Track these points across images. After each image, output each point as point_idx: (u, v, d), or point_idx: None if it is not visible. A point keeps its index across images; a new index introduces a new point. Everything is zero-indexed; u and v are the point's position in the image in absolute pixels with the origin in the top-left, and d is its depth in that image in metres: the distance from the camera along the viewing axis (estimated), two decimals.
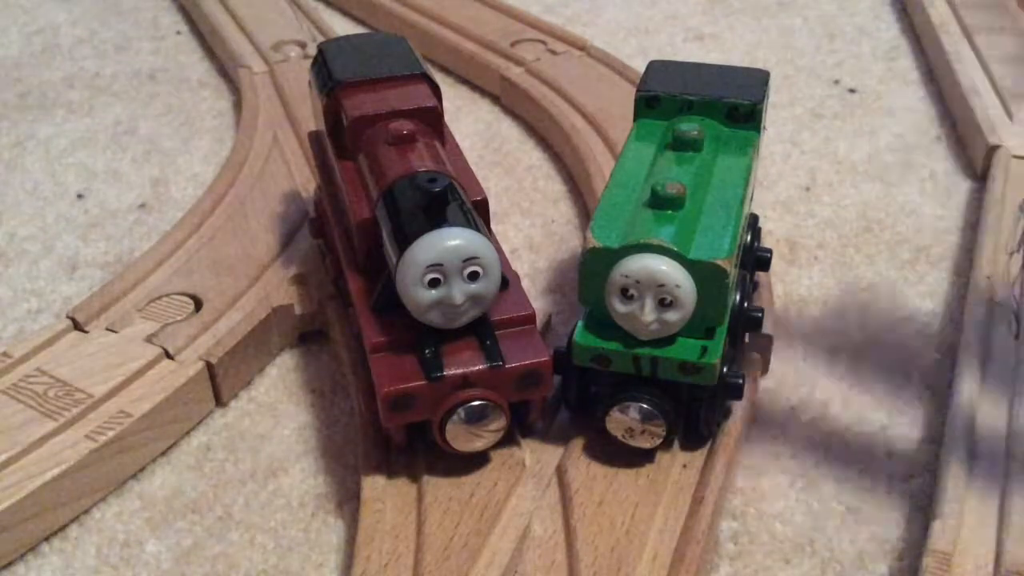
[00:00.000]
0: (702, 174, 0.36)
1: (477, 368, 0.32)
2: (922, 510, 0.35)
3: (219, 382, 0.40)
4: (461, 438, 0.33)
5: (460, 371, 0.32)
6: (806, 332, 0.44)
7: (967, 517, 0.33)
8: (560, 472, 0.34)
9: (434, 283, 0.31)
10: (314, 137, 0.43)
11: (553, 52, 0.64)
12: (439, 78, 0.66)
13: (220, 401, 0.41)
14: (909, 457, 0.38)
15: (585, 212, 0.52)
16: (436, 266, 0.31)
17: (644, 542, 0.32)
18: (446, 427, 0.33)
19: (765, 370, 0.41)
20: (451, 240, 0.31)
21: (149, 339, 0.40)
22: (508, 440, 0.35)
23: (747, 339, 0.40)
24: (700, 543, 0.32)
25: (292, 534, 0.36)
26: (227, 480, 0.38)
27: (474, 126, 0.61)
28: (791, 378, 0.41)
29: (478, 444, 0.33)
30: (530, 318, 0.34)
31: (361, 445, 0.36)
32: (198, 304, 0.42)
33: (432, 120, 0.37)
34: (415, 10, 0.70)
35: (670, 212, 0.34)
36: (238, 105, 0.62)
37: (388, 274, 0.33)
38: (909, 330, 0.44)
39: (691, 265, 0.32)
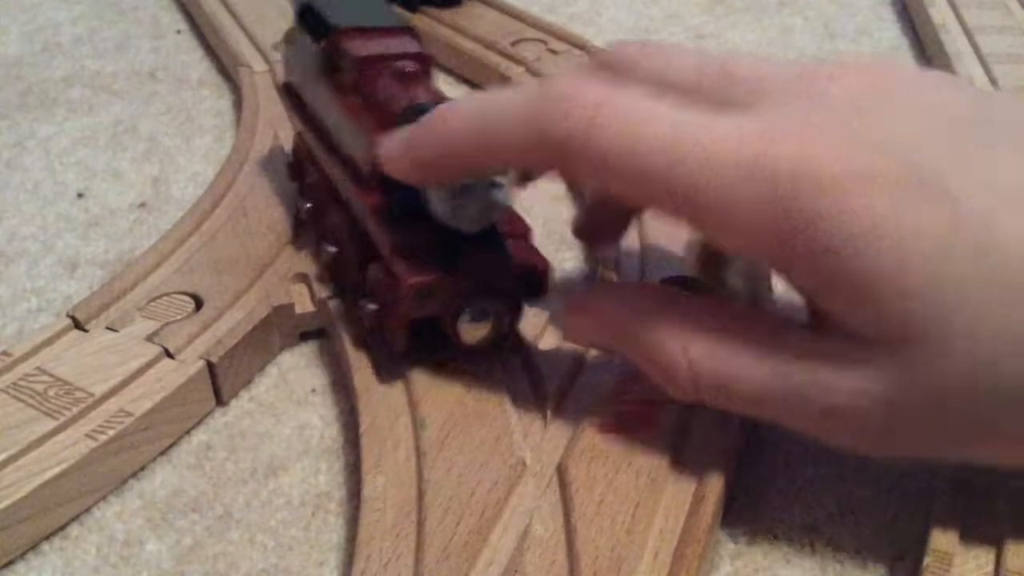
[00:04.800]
0: None
1: (488, 268, 0.37)
2: (922, 510, 0.35)
3: (220, 381, 0.40)
4: (471, 331, 0.37)
5: (474, 269, 0.36)
6: None
7: (967, 517, 0.33)
8: (560, 472, 0.34)
9: (458, 189, 0.35)
10: (285, 89, 0.47)
11: (553, 52, 0.64)
12: (439, 78, 0.66)
13: (221, 400, 0.41)
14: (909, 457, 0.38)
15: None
16: None
17: (645, 541, 0.32)
18: (460, 320, 0.37)
19: None
20: None
21: (150, 338, 0.40)
22: (508, 347, 0.39)
23: None
24: (701, 543, 0.32)
25: (292, 533, 0.36)
26: (227, 479, 0.38)
27: None
28: None
29: (485, 337, 0.37)
30: (528, 232, 0.39)
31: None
32: (199, 303, 0.42)
33: (427, 66, 0.41)
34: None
35: None
36: (238, 104, 0.62)
37: (406, 187, 0.37)
38: None
39: None
